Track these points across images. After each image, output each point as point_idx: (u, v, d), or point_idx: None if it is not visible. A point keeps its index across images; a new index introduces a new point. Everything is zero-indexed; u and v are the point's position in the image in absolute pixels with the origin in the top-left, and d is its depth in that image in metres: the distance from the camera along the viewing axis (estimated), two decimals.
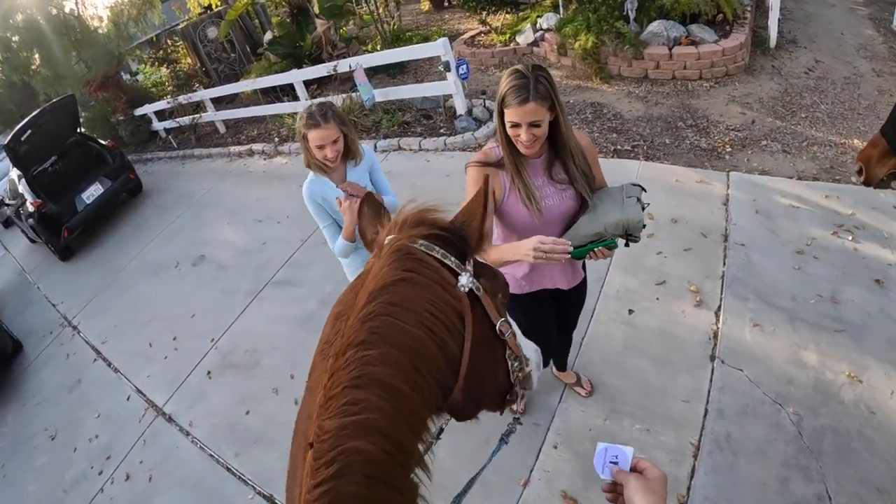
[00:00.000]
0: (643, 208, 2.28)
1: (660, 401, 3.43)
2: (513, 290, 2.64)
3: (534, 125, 2.11)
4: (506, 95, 2.11)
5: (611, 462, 1.27)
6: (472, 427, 3.59)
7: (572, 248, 2.15)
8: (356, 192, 2.93)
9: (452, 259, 1.25)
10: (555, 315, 2.96)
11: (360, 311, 1.08)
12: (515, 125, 2.13)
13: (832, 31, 8.23)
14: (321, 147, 2.90)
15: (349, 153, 3.08)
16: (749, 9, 7.93)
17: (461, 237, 1.31)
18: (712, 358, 3.60)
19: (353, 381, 1.02)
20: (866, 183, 2.61)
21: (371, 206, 1.50)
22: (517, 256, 2.09)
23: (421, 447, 1.16)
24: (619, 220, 2.24)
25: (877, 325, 3.62)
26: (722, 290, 4.06)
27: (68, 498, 4.59)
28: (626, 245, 2.35)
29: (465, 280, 1.24)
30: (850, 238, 4.30)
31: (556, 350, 3.40)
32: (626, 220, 2.23)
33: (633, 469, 1.23)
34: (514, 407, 3.52)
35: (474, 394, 1.29)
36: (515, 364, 1.40)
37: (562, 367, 3.57)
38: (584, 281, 2.88)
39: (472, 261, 1.32)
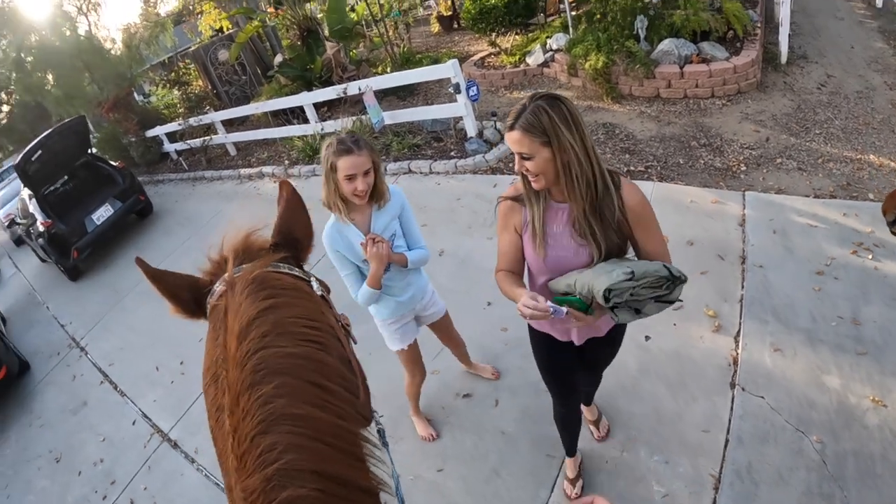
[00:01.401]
0: (632, 282, 1.95)
1: (677, 429, 3.37)
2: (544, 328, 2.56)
3: (524, 157, 1.97)
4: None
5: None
6: (481, 459, 3.56)
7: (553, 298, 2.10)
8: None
9: (297, 270, 1.29)
10: (576, 362, 2.73)
11: (235, 360, 1.04)
12: (514, 153, 2.02)
13: (842, 45, 8.23)
14: (351, 178, 2.59)
15: (375, 192, 2.76)
16: (759, 25, 7.92)
17: (294, 246, 1.36)
18: (732, 385, 3.53)
19: (258, 428, 0.96)
20: None
21: (164, 281, 1.42)
22: (514, 300, 2.10)
23: (370, 468, 1.12)
24: (587, 282, 2.00)
25: None
26: (741, 314, 4.00)
27: None
28: (614, 318, 2.04)
29: (316, 286, 1.29)
30: (870, 256, 4.24)
31: (583, 383, 3.17)
32: (590, 284, 1.98)
33: None
34: None
35: (366, 388, 1.31)
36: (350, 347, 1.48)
37: (585, 400, 3.42)
38: (613, 335, 2.61)
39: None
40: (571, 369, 2.75)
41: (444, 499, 3.43)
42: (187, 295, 1.37)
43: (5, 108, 22.70)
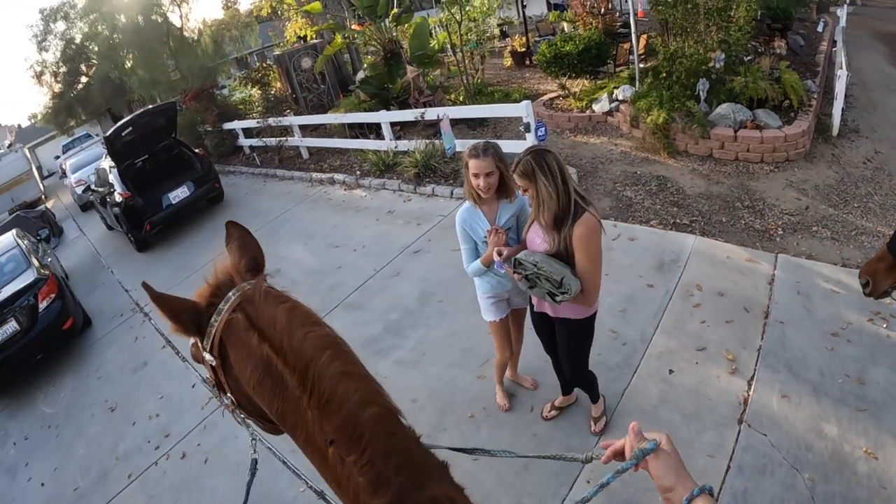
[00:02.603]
0: (534, 268, 2.99)
1: (686, 453, 3.70)
2: None
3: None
4: None
5: None
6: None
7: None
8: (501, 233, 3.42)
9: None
10: (547, 333, 3.76)
11: (291, 347, 1.39)
12: None
13: (895, 121, 8.44)
14: (476, 175, 3.27)
15: (505, 189, 3.43)
16: (815, 95, 8.30)
17: (258, 270, 1.74)
18: (740, 421, 3.94)
19: (332, 381, 1.34)
20: (871, 294, 2.94)
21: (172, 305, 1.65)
22: None
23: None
24: (519, 255, 3.06)
25: None
26: (756, 362, 4.40)
27: (119, 466, 5.07)
28: (519, 283, 3.13)
29: None
30: (885, 325, 4.57)
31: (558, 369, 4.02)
32: (518, 256, 3.07)
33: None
34: None
35: None
36: None
37: (592, 398, 4.08)
38: (570, 322, 3.44)
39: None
40: (539, 329, 3.81)
41: (477, 485, 3.89)
42: (187, 317, 1.60)
43: (83, 79, 23.92)
